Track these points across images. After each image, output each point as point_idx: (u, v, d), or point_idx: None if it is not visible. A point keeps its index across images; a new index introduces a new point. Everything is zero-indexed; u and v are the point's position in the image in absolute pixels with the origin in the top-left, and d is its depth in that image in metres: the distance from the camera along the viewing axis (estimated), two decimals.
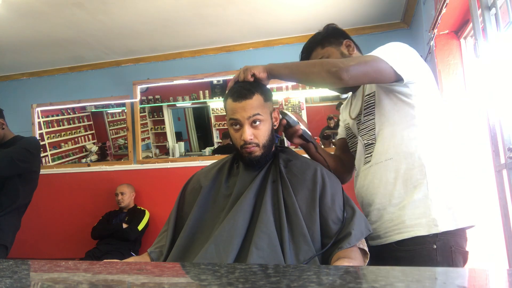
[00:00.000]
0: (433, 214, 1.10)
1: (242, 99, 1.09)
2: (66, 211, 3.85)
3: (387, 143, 1.19)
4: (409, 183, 1.14)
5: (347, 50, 1.32)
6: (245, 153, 1.12)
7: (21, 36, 3.20)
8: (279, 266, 0.60)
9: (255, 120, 1.10)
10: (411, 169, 1.14)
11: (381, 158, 1.20)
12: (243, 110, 1.09)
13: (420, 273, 0.52)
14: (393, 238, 1.15)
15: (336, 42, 1.33)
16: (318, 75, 1.10)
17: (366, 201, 1.25)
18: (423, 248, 1.10)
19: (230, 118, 1.12)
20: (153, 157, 4.01)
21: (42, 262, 0.67)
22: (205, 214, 1.13)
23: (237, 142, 1.13)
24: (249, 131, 1.09)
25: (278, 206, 1.06)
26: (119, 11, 2.82)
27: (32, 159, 2.12)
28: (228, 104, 1.13)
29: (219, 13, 2.94)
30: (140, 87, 3.83)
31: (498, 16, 1.45)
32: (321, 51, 1.32)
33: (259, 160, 1.12)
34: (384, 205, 1.18)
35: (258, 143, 1.11)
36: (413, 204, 1.13)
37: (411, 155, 1.15)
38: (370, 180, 1.23)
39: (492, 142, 1.53)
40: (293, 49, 3.63)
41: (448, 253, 1.09)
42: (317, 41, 1.34)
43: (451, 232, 1.10)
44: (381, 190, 1.19)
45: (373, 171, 1.22)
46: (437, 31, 2.18)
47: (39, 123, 4.05)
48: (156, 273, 0.59)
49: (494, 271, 0.56)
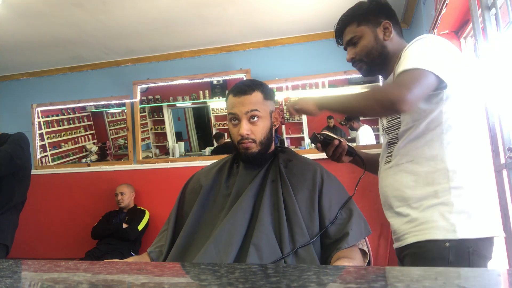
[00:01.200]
0: (452, 219, 1.04)
1: (241, 94, 1.11)
2: (66, 211, 3.85)
3: (409, 144, 1.14)
4: (430, 187, 1.09)
5: (383, 34, 1.21)
6: (242, 149, 1.12)
7: (21, 36, 3.20)
8: (279, 266, 0.60)
9: (253, 115, 1.10)
10: (433, 172, 1.09)
11: (402, 159, 1.15)
12: (241, 104, 1.10)
13: (420, 273, 0.52)
14: (409, 240, 1.10)
15: (374, 21, 1.22)
16: (371, 110, 1.07)
17: (387, 202, 1.21)
18: (434, 245, 1.05)
19: (229, 113, 1.13)
20: (153, 157, 4.01)
21: (42, 262, 0.67)
22: (205, 213, 1.13)
23: (235, 137, 1.13)
24: (246, 126, 1.10)
25: (278, 206, 1.06)
26: (119, 11, 2.82)
27: (24, 155, 2.11)
28: (229, 99, 1.15)
29: (219, 13, 2.94)
30: (140, 87, 3.83)
31: (498, 16, 1.45)
32: (356, 29, 1.23)
33: (256, 157, 1.12)
34: (403, 208, 1.14)
35: (255, 139, 1.11)
36: (433, 208, 1.07)
37: (434, 158, 1.09)
38: (391, 182, 1.18)
39: (492, 142, 1.53)
40: (293, 49, 3.63)
41: (465, 255, 1.02)
42: (356, 15, 1.24)
43: (469, 240, 1.03)
44: (400, 192, 1.14)
45: (393, 172, 1.17)
46: (437, 31, 2.18)
47: (39, 123, 4.05)
48: (156, 273, 0.59)
49: (494, 271, 0.56)
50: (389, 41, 1.21)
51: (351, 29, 1.24)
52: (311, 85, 3.55)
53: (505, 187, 1.44)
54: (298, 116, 3.76)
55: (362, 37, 1.22)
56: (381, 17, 1.22)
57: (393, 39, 1.21)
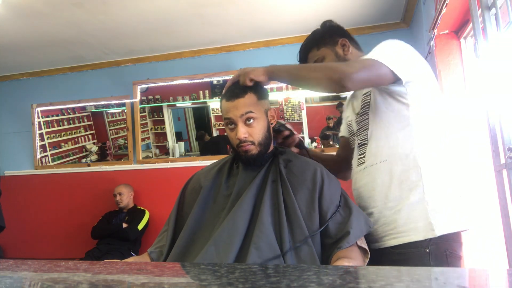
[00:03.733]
0: (429, 218, 1.08)
1: (234, 98, 1.10)
2: (66, 211, 3.86)
3: (381, 144, 1.17)
4: (405, 185, 1.12)
5: (342, 50, 1.31)
6: (242, 152, 1.12)
7: (21, 36, 3.20)
8: (279, 266, 0.60)
9: (248, 118, 1.10)
10: (407, 171, 1.12)
11: (375, 160, 1.18)
12: (235, 108, 1.09)
13: (420, 273, 0.52)
14: (389, 242, 1.13)
15: (331, 42, 1.32)
16: (318, 81, 1.09)
17: (362, 204, 1.23)
18: (415, 252, 1.08)
19: (225, 118, 1.13)
20: (153, 157, 4.01)
21: (42, 262, 0.67)
22: (205, 214, 1.13)
23: (233, 141, 1.13)
24: (243, 129, 1.09)
25: (278, 206, 1.06)
26: (119, 11, 2.82)
27: None
28: (223, 104, 1.14)
29: (219, 13, 2.94)
30: (140, 87, 3.83)
31: (498, 16, 1.45)
32: (316, 53, 1.33)
33: (256, 158, 1.12)
34: (379, 209, 1.16)
35: (253, 141, 1.11)
36: (409, 207, 1.10)
37: (407, 156, 1.12)
38: (364, 182, 1.21)
39: (492, 142, 1.53)
40: (293, 49, 3.61)
41: (443, 258, 1.07)
42: (313, 41, 1.35)
43: (446, 236, 1.08)
44: (376, 193, 1.17)
45: (367, 173, 1.20)
46: (437, 31, 2.18)
47: (39, 123, 4.05)
48: (156, 273, 0.59)
49: (494, 271, 0.56)
50: (349, 55, 1.31)
51: (313, 54, 1.34)
52: None
53: (505, 187, 1.44)
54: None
55: (324, 57, 1.31)
56: (336, 37, 1.33)
57: (353, 52, 1.33)
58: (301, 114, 3.76)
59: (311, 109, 3.82)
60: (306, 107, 3.77)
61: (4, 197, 4.08)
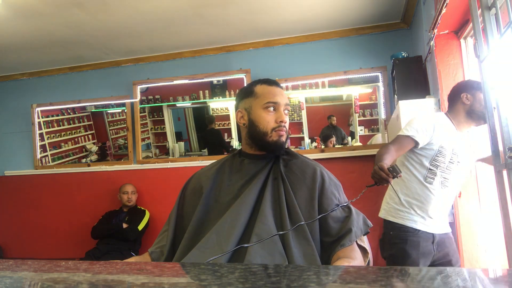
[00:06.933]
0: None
1: (277, 86, 1.17)
2: (66, 211, 3.86)
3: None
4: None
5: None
6: (275, 136, 1.14)
7: (21, 36, 3.20)
8: (279, 266, 0.60)
9: (287, 109, 1.17)
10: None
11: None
12: (282, 96, 1.16)
13: (421, 273, 0.52)
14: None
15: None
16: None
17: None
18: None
19: (269, 101, 1.14)
20: (153, 157, 4.01)
21: (42, 262, 0.67)
22: (209, 213, 1.13)
23: (269, 125, 1.14)
24: (285, 115, 1.15)
25: (279, 201, 1.07)
26: (119, 11, 2.82)
27: None
28: (263, 88, 1.17)
29: (219, 13, 2.95)
30: (140, 87, 3.83)
31: (498, 16, 1.44)
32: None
33: (282, 145, 1.15)
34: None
35: (287, 129, 1.17)
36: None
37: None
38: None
39: (492, 142, 1.53)
40: (293, 49, 3.64)
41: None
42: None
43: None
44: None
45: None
46: (437, 31, 2.18)
47: (39, 123, 4.05)
48: (156, 273, 0.59)
49: (494, 271, 0.56)
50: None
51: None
52: (311, 85, 3.55)
53: (505, 187, 1.44)
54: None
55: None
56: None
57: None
58: (301, 114, 3.76)
59: (311, 109, 3.82)
60: (306, 107, 3.76)
61: (4, 197, 4.09)
